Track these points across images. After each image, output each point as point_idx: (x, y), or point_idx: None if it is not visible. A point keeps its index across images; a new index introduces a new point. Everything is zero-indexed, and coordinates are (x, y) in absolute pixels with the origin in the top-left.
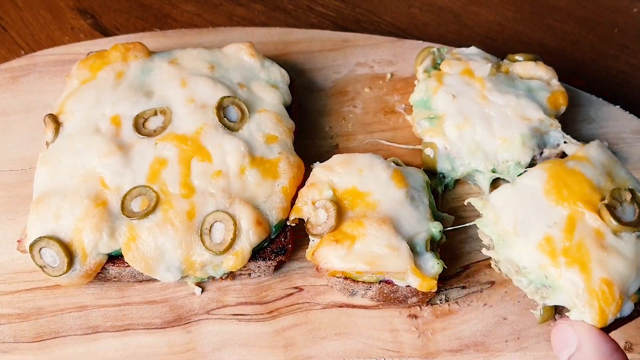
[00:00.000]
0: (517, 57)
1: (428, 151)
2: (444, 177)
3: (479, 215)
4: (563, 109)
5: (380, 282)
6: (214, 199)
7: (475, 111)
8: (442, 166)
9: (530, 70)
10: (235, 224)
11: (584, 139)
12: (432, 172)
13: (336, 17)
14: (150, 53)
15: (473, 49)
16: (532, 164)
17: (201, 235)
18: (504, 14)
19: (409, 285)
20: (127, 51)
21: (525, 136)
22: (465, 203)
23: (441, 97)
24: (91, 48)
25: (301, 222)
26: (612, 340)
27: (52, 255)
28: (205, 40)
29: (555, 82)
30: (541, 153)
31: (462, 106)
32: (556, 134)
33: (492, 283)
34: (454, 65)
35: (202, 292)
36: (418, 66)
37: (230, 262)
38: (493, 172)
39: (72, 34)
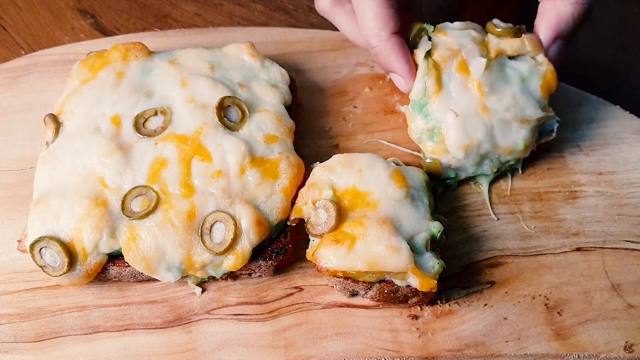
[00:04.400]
0: (498, 29)
1: (431, 160)
2: (446, 179)
3: (478, 216)
4: (554, 89)
5: (380, 282)
6: (214, 199)
7: (479, 127)
8: (446, 174)
9: (518, 47)
10: (235, 224)
11: (584, 139)
12: (433, 175)
13: None
14: (151, 53)
15: (458, 24)
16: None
17: (201, 235)
18: (503, 14)
19: (409, 285)
20: (127, 51)
21: (527, 139)
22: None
23: (440, 109)
24: (91, 48)
25: (301, 222)
26: None
27: (53, 255)
28: (205, 40)
29: (541, 57)
30: (537, 140)
31: (465, 123)
32: (550, 121)
33: (492, 283)
34: (447, 57)
35: (202, 292)
36: (416, 49)
37: (230, 262)
38: (496, 172)
39: (73, 34)
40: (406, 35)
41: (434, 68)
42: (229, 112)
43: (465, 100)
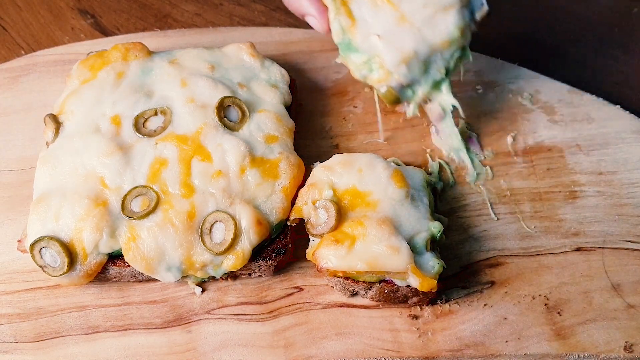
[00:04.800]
0: None
1: (384, 89)
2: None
3: (478, 216)
4: None
5: (380, 282)
6: (214, 199)
7: (406, 36)
8: (405, 96)
9: None
10: (235, 224)
11: (584, 138)
12: (394, 101)
13: None
14: (151, 53)
15: None
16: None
17: (201, 235)
18: (503, 14)
19: (409, 285)
20: (127, 51)
21: (458, 24)
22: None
23: (364, 39)
24: (91, 48)
25: (301, 222)
26: None
27: (53, 255)
28: (205, 40)
29: None
30: (472, 19)
31: (391, 40)
32: None
33: (492, 283)
34: None
35: (202, 292)
36: None
37: (230, 262)
38: (447, 73)
39: (72, 34)
40: None
41: (342, 5)
42: (229, 112)
43: (381, 19)
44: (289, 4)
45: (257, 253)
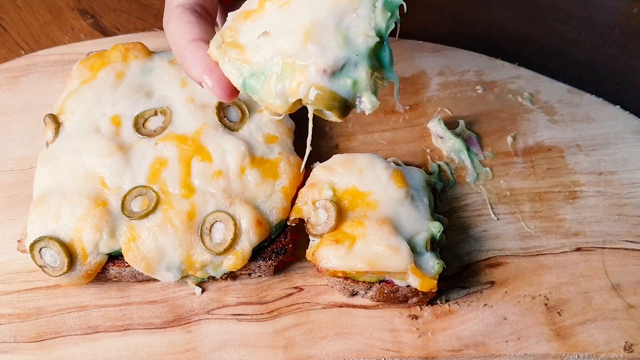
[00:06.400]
0: None
1: (312, 92)
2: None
3: (478, 216)
4: None
5: (380, 282)
6: (214, 199)
7: (297, 10)
8: (344, 91)
9: None
10: (235, 224)
11: (584, 139)
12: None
13: None
14: (151, 53)
15: None
16: None
17: (201, 236)
18: (504, 14)
19: (409, 285)
20: (127, 51)
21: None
22: None
23: (260, 54)
24: (91, 48)
25: (301, 222)
26: None
27: (52, 255)
28: None
29: None
30: None
31: (284, 25)
32: None
33: (492, 283)
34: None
35: (202, 292)
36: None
37: (230, 262)
38: (379, 33)
39: (72, 34)
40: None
41: (228, 45)
42: (229, 112)
43: (264, 19)
44: (183, 66)
45: (257, 253)
